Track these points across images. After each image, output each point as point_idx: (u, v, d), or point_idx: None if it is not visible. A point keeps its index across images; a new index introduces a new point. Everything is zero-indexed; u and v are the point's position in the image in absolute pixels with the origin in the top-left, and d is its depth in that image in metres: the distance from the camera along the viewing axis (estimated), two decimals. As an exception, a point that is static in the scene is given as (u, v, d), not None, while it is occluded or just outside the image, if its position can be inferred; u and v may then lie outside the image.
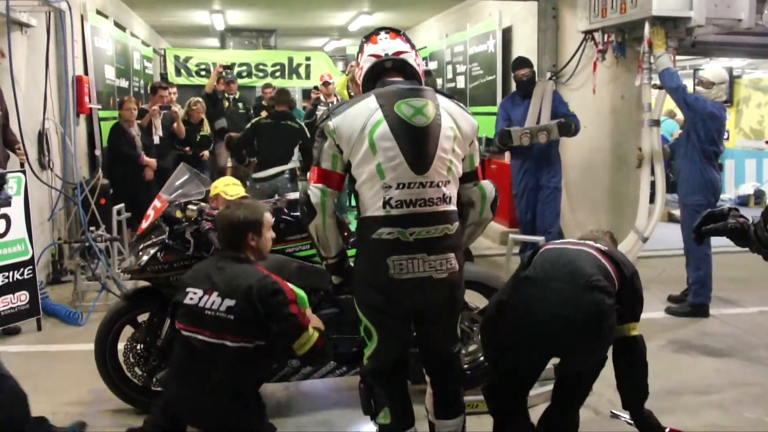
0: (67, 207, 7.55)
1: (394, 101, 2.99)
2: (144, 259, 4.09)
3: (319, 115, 10.03)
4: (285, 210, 4.23)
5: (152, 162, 8.17)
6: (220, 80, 11.36)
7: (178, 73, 13.81)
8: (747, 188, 12.64)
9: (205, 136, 9.35)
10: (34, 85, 6.92)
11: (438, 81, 12.25)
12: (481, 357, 4.26)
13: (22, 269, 5.63)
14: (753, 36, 7.16)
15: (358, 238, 3.10)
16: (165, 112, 8.75)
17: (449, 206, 3.02)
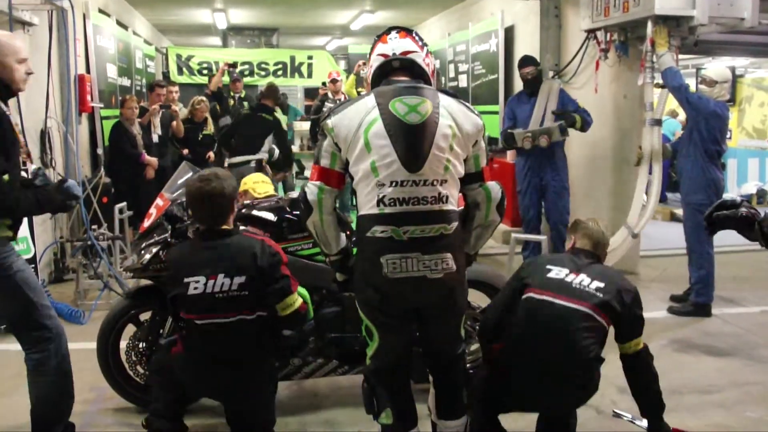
0: (69, 205, 7.54)
1: (389, 99, 2.98)
2: (146, 257, 4.09)
3: (325, 112, 10.05)
4: (287, 209, 4.23)
5: (153, 161, 8.18)
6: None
7: (180, 72, 13.82)
8: (749, 187, 12.64)
9: (208, 135, 9.34)
10: (36, 83, 6.90)
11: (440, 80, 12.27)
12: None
13: (24, 267, 5.62)
14: (756, 35, 7.16)
15: (356, 237, 3.10)
16: (164, 110, 8.76)
17: (446, 205, 2.99)
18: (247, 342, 3.36)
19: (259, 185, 4.83)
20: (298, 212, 4.16)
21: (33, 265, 5.69)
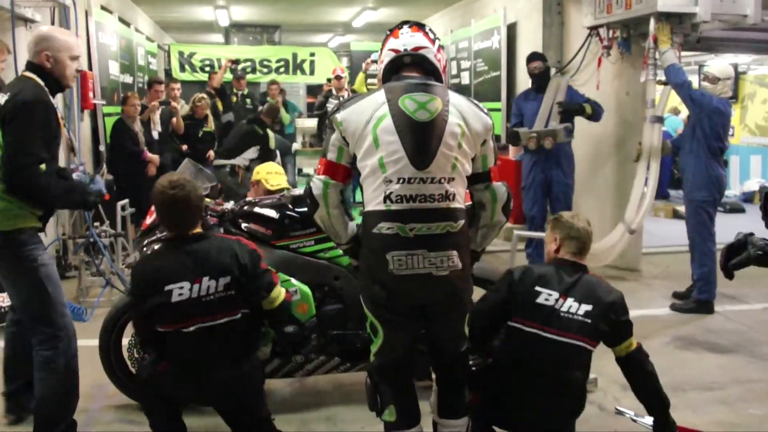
0: (71, 202, 7.54)
1: (399, 95, 2.97)
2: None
3: (329, 107, 10.17)
4: (289, 206, 4.22)
5: (155, 158, 8.18)
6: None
7: (182, 69, 13.83)
8: (752, 184, 12.63)
9: (208, 131, 9.35)
10: (38, 80, 6.91)
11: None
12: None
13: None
14: (758, 32, 7.13)
15: (362, 233, 3.09)
16: (163, 107, 8.76)
17: (452, 203, 2.98)
18: (238, 340, 3.33)
19: (272, 176, 4.81)
20: (300, 209, 4.16)
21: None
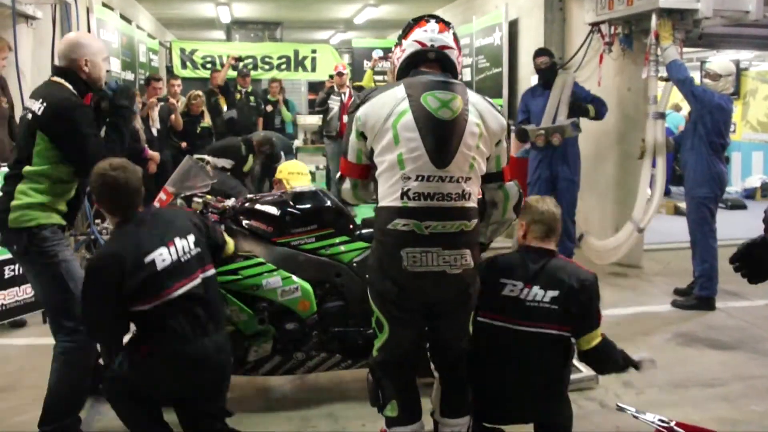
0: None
1: (421, 92, 2.97)
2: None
3: (330, 104, 10.23)
4: (290, 203, 4.21)
5: (156, 155, 8.13)
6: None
7: (183, 66, 13.80)
8: (754, 181, 12.63)
9: (206, 127, 9.39)
10: (39, 77, 6.87)
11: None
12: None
13: (28, 262, 5.63)
14: (760, 28, 7.12)
15: (374, 227, 3.10)
16: (162, 104, 8.77)
17: (468, 203, 2.99)
18: (217, 298, 3.47)
19: (293, 177, 4.76)
20: (301, 206, 4.16)
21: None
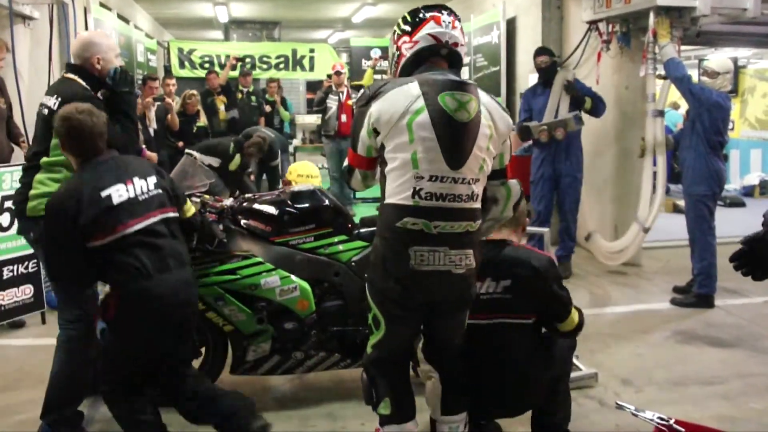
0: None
1: (438, 91, 2.94)
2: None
3: (328, 103, 10.22)
4: (288, 202, 4.21)
5: (153, 156, 8.16)
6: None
7: (181, 66, 13.79)
8: (752, 178, 12.62)
9: (202, 126, 9.40)
10: (37, 77, 6.91)
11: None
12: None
13: (26, 263, 5.62)
14: (758, 26, 7.12)
15: (379, 224, 3.07)
16: (159, 104, 8.77)
17: (475, 204, 3.00)
18: (180, 235, 3.47)
19: (302, 180, 4.74)
20: (299, 205, 4.16)
21: (34, 260, 5.67)
